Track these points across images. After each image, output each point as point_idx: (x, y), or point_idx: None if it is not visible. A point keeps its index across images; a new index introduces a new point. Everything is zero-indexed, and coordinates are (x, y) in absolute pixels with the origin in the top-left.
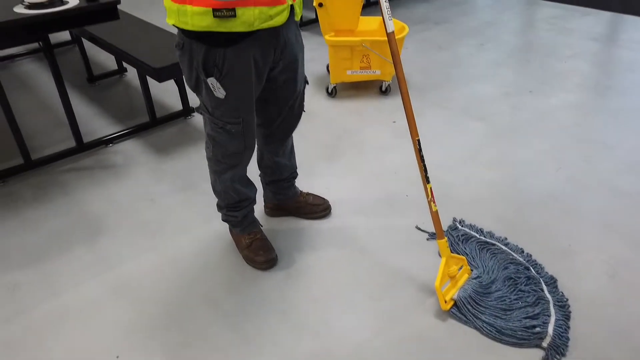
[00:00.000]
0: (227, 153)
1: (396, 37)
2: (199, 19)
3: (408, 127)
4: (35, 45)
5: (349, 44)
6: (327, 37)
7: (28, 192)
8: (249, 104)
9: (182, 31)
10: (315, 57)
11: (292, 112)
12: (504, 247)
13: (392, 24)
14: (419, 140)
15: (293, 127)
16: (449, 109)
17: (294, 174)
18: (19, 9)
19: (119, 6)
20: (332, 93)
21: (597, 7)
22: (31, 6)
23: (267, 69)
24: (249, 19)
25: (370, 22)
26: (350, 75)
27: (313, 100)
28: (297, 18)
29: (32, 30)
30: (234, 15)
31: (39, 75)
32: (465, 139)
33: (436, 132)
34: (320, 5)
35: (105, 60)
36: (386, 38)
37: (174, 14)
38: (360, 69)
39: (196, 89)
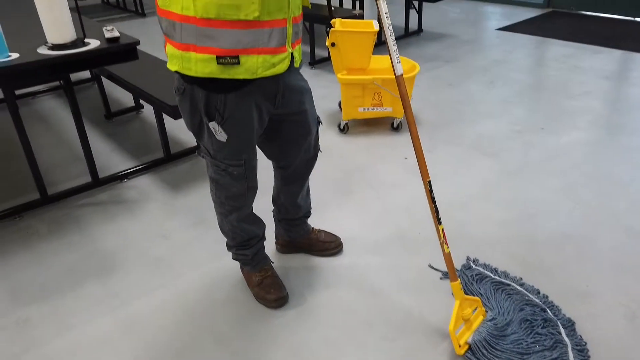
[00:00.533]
0: (230, 195)
1: (408, 76)
2: (203, 66)
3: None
4: (56, 82)
5: (360, 82)
6: (339, 75)
7: (43, 227)
8: (251, 145)
9: (183, 76)
10: (327, 94)
11: (308, 153)
12: (519, 288)
13: (401, 67)
14: (429, 182)
15: (310, 168)
16: (461, 146)
17: (307, 214)
18: (43, 50)
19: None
20: (344, 129)
21: (608, 46)
22: (54, 47)
23: (268, 112)
24: (252, 66)
25: (382, 61)
26: (362, 112)
27: (325, 136)
28: (297, 65)
29: (54, 70)
30: (238, 63)
31: (59, 111)
32: (477, 176)
33: (448, 169)
34: (333, 45)
35: (123, 97)
36: None
37: (177, 60)
38: (372, 106)
39: (198, 133)
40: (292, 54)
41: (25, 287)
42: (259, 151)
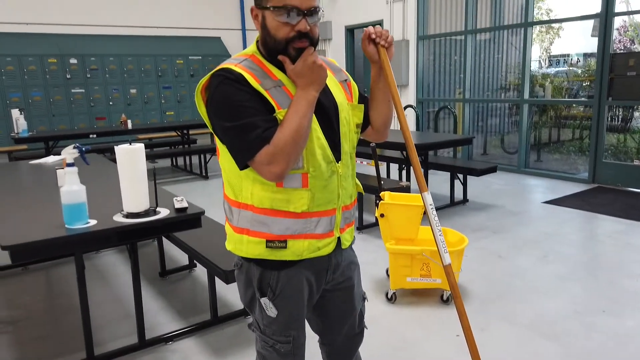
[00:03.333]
0: None
1: (456, 249)
2: (253, 248)
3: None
4: None
5: (409, 252)
6: (387, 244)
7: None
8: (299, 322)
9: None
10: (374, 260)
11: (352, 330)
12: None
13: (448, 257)
14: None
15: (355, 346)
16: (516, 325)
17: None
18: (118, 217)
19: None
20: (391, 299)
21: None
22: (128, 215)
23: (319, 289)
24: (298, 250)
25: (430, 232)
26: (410, 283)
27: (372, 305)
28: (344, 247)
29: (126, 236)
30: (285, 247)
31: (118, 267)
32: None
33: (505, 352)
34: (382, 216)
35: (178, 254)
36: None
37: (232, 240)
38: (421, 276)
39: (250, 307)
40: (339, 237)
41: None
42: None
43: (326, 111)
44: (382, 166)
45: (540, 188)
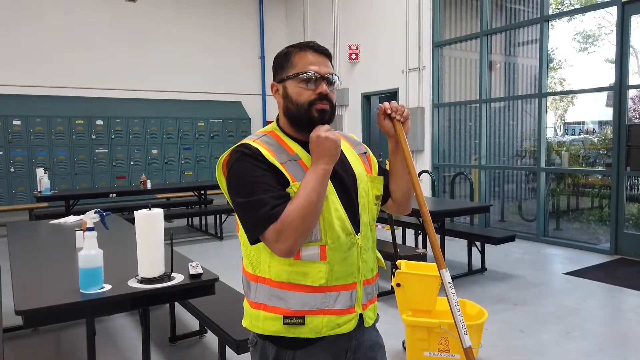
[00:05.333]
0: None
1: (475, 323)
2: (270, 324)
3: None
4: None
5: (426, 325)
6: (404, 316)
7: None
8: None
9: None
10: (390, 331)
11: None
12: None
13: (468, 339)
14: None
15: None
16: None
17: None
18: (133, 283)
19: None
20: None
21: None
22: (143, 281)
23: None
24: (316, 326)
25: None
26: (428, 357)
27: None
28: (367, 325)
29: (139, 302)
30: (303, 323)
31: (128, 331)
32: None
33: None
34: (398, 285)
35: (189, 317)
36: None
37: (248, 316)
38: (439, 351)
39: None
40: (361, 314)
41: None
42: None
43: (344, 183)
44: (398, 230)
45: (561, 258)
